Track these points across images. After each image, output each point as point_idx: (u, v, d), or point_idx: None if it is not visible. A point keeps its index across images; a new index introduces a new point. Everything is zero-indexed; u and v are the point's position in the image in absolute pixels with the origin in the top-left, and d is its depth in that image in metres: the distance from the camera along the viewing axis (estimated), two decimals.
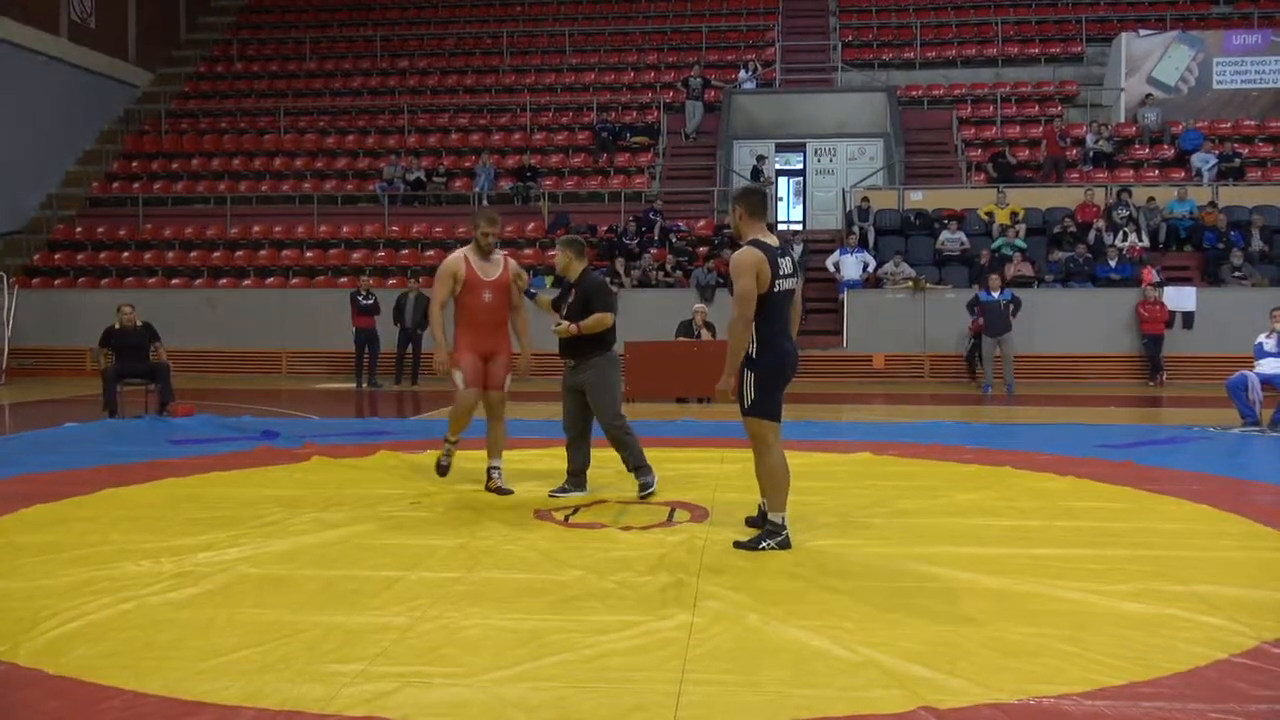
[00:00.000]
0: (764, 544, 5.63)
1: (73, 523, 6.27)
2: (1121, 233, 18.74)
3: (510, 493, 7.18)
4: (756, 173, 21.61)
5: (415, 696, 3.57)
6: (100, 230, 21.97)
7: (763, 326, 5.57)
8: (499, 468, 7.35)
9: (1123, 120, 22.51)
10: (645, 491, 7.02)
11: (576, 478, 7.25)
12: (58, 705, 3.51)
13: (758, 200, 5.81)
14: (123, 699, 3.55)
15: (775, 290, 5.56)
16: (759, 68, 24.47)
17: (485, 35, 27.07)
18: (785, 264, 5.64)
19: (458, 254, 7.13)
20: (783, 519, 5.69)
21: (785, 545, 5.63)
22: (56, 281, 20.78)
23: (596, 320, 6.99)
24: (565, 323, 7.02)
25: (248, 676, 3.74)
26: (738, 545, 5.68)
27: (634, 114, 23.78)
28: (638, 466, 7.10)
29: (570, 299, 7.12)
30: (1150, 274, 17.44)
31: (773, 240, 5.69)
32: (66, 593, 4.73)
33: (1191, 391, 15.91)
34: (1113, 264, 18.03)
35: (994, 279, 15.85)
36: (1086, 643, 4.10)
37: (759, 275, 5.48)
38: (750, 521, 6.12)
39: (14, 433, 11.17)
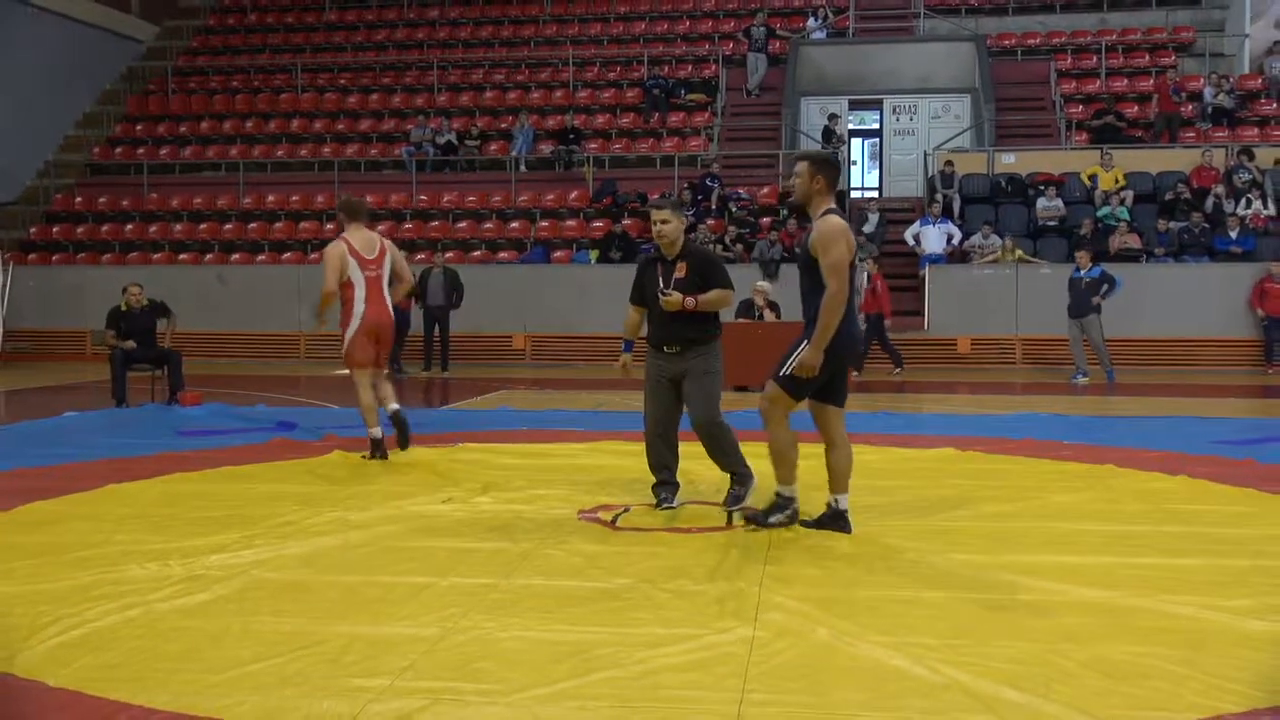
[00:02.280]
0: (774, 518, 6.02)
1: (73, 521, 6.38)
2: (1244, 199, 18.42)
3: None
4: (829, 134, 21.45)
5: (447, 715, 3.60)
6: (101, 200, 22.36)
7: None
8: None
9: (1246, 71, 22.09)
10: (736, 505, 6.52)
11: (671, 485, 6.80)
12: None
13: (836, 172, 6.05)
14: (129, 714, 3.61)
15: (854, 263, 5.87)
16: (830, 15, 24.29)
17: None
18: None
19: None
20: (792, 491, 6.07)
21: (794, 519, 6.05)
22: (54, 257, 21.19)
23: (720, 297, 6.60)
24: (676, 294, 6.47)
25: (264, 691, 3.79)
26: (747, 519, 6.14)
27: (689, 68, 23.74)
28: (737, 472, 6.68)
29: (675, 273, 6.63)
30: None
31: None
32: (67, 598, 4.82)
33: None
34: (1233, 235, 17.73)
35: (1081, 255, 15.68)
36: (1202, 664, 4.04)
37: (848, 245, 5.78)
38: (806, 524, 6.15)
39: (9, 423, 11.41)
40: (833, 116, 21.94)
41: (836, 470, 6.10)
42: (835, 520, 6.07)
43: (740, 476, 6.66)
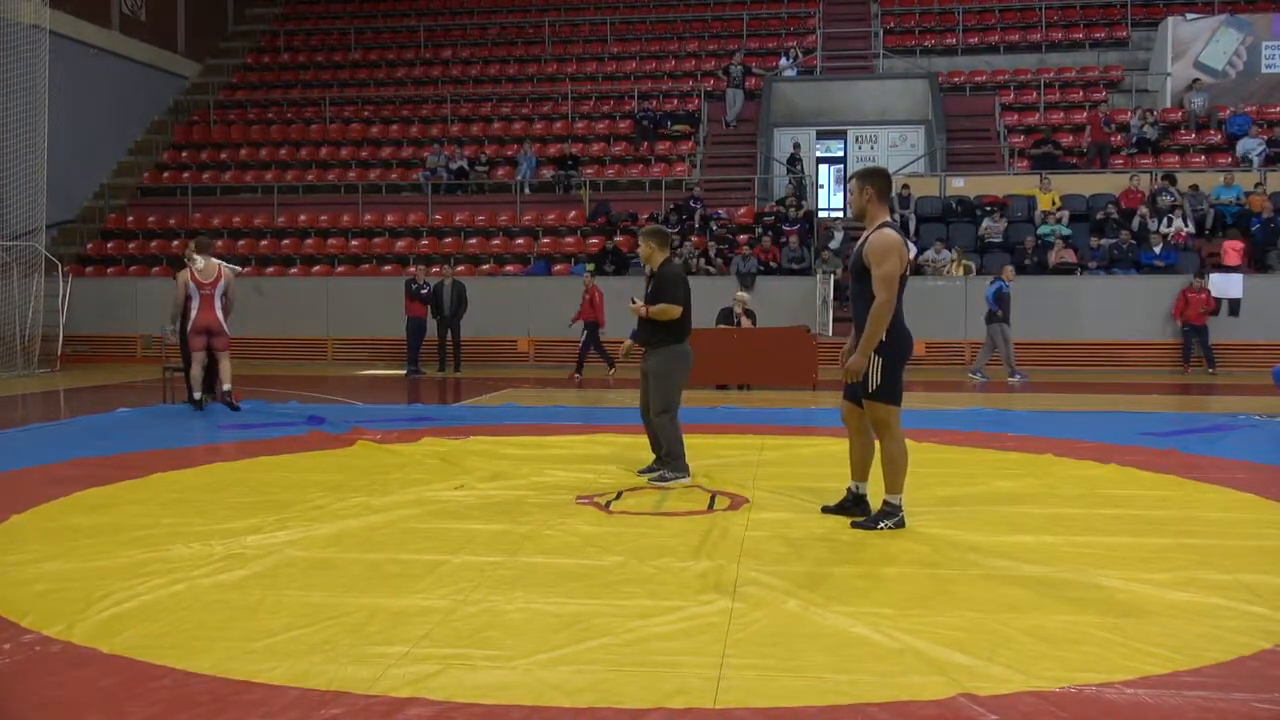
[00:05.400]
0: (882, 524, 5.70)
1: (126, 506, 6.37)
2: (1166, 219, 18.47)
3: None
4: (793, 160, 21.52)
5: (459, 678, 3.59)
6: (151, 219, 22.27)
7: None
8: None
9: (1168, 105, 22.15)
10: (651, 477, 7.06)
11: (671, 460, 7.13)
12: (111, 683, 3.56)
13: (887, 182, 5.79)
14: (173, 678, 3.60)
15: (905, 274, 5.61)
16: (800, 55, 24.30)
17: (527, 25, 27.12)
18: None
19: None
20: (899, 500, 5.74)
21: (901, 525, 5.69)
22: (109, 270, 21.09)
23: (662, 309, 7.03)
24: (639, 302, 7.14)
25: (295, 657, 3.78)
26: (855, 525, 5.76)
27: (675, 102, 23.73)
28: (665, 460, 7.10)
29: (647, 287, 7.22)
30: (1233, 250, 17.27)
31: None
32: (120, 574, 4.81)
33: (1238, 379, 15.66)
34: (1157, 251, 17.78)
35: (1008, 270, 15.91)
36: (1129, 631, 4.05)
37: (900, 258, 5.52)
38: (827, 509, 6.10)
39: (69, 418, 11.36)
40: (796, 145, 22.10)
41: (859, 461, 6.04)
42: (856, 504, 5.99)
43: (669, 462, 7.05)
